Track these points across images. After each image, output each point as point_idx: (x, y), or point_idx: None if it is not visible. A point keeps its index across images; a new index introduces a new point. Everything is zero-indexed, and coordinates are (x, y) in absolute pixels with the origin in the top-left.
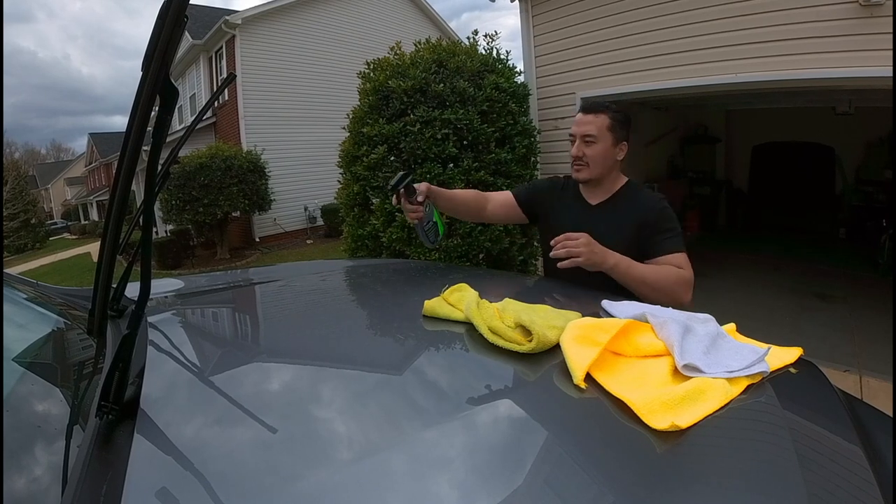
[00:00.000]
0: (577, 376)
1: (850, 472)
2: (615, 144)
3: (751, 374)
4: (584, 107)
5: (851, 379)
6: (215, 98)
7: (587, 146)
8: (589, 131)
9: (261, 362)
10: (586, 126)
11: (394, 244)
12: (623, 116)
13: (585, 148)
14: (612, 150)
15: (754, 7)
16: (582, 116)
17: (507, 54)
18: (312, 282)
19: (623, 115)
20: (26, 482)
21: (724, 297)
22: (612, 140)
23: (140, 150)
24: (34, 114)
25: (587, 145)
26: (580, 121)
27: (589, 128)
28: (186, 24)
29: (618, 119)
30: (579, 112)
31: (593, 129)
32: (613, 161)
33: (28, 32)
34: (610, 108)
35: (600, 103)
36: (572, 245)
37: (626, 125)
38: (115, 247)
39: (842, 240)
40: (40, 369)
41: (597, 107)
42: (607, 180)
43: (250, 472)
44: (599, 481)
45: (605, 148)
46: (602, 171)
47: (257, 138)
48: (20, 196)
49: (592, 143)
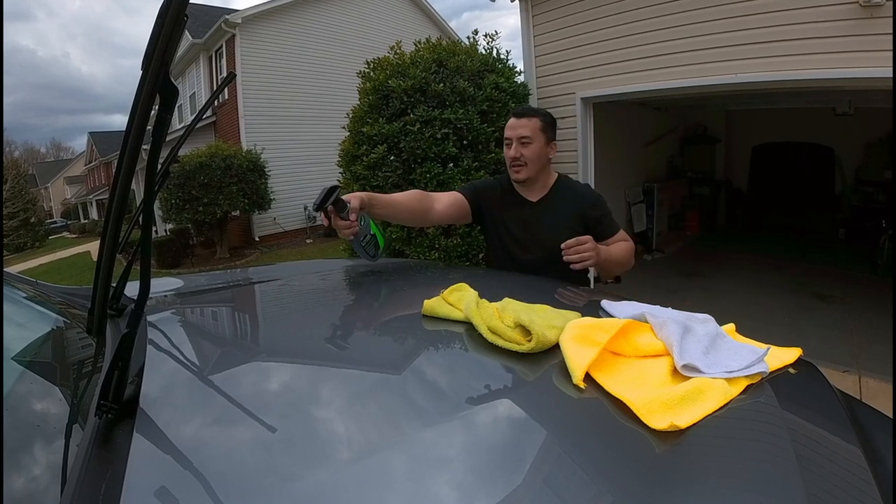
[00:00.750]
0: (577, 376)
1: (849, 473)
2: (547, 144)
3: (750, 375)
4: (515, 112)
5: (850, 379)
6: (215, 97)
7: (524, 147)
8: (524, 133)
9: (260, 361)
10: (521, 129)
11: (393, 243)
12: (551, 119)
13: (522, 149)
14: (545, 150)
15: (755, 7)
16: (516, 121)
17: (507, 54)
18: (312, 281)
19: (550, 117)
20: (26, 481)
21: (723, 297)
22: (545, 140)
23: (140, 148)
24: (33, 112)
25: (524, 146)
26: (514, 125)
27: (524, 130)
28: (186, 23)
29: (547, 121)
30: (512, 118)
31: (528, 131)
32: (546, 159)
33: (27, 31)
34: (540, 112)
35: (531, 108)
36: (584, 250)
37: (554, 127)
38: (115, 246)
39: (841, 240)
40: (40, 368)
41: (528, 111)
42: (542, 177)
43: (250, 471)
44: (598, 481)
45: (539, 147)
46: (538, 169)
47: (257, 137)
48: (20, 195)
49: (528, 144)
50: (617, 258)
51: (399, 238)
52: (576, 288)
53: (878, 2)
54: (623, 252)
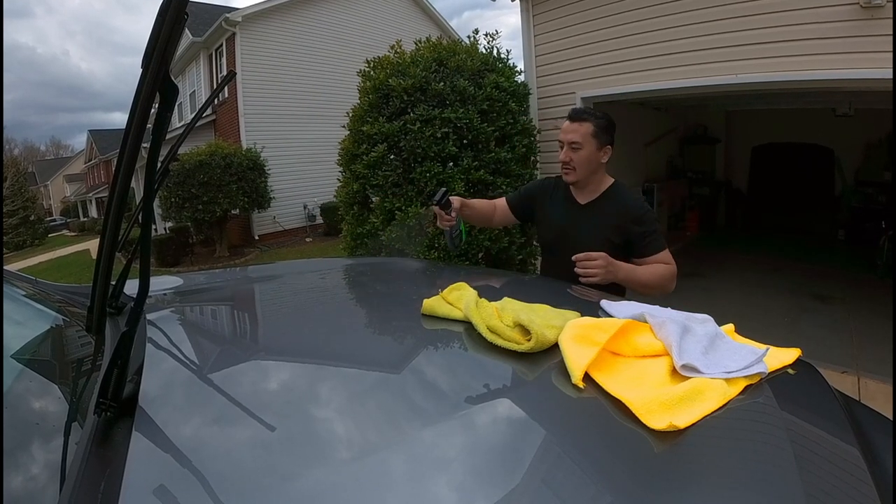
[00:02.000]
0: (576, 376)
1: (847, 473)
2: (599, 149)
3: (749, 375)
4: (570, 115)
5: (849, 380)
6: (215, 95)
7: (573, 152)
8: (574, 138)
9: (259, 360)
10: (572, 133)
11: (393, 242)
12: (606, 122)
13: (572, 153)
14: (597, 154)
15: (755, 8)
16: (568, 124)
17: (507, 53)
18: (311, 280)
19: (606, 121)
20: (25, 479)
21: (722, 298)
22: (597, 145)
23: (140, 147)
24: (33, 110)
25: (573, 151)
26: (566, 128)
27: (574, 135)
28: (186, 21)
29: (601, 125)
30: (566, 120)
31: (578, 136)
32: (598, 164)
33: (26, 28)
34: (594, 115)
35: (585, 110)
36: (591, 265)
37: (609, 130)
38: (115, 244)
39: (841, 241)
40: (39, 366)
41: (581, 114)
42: (593, 181)
43: (248, 470)
44: (597, 480)
45: (589, 153)
46: (587, 173)
47: (257, 136)
48: (19, 193)
49: (578, 149)
50: (644, 280)
51: (398, 237)
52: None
53: (878, 3)
54: (653, 275)
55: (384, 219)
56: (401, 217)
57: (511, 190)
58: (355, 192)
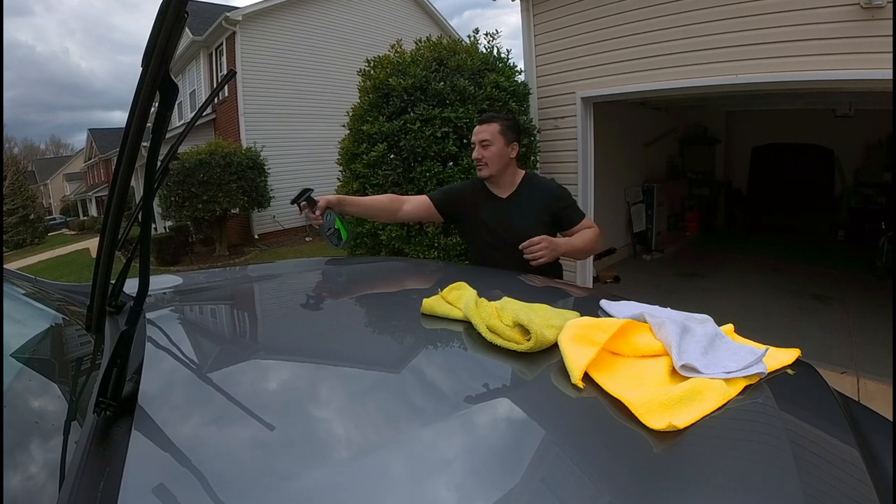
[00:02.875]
0: (575, 376)
1: (847, 474)
2: (507, 144)
3: (748, 375)
4: (479, 119)
5: (849, 381)
6: (215, 94)
7: (484, 149)
8: (484, 136)
9: (259, 359)
10: (482, 133)
11: (392, 242)
12: (512, 122)
13: (483, 151)
14: (506, 150)
15: (756, 8)
16: (478, 127)
17: (507, 53)
18: (311, 279)
19: (512, 121)
20: (24, 478)
21: (722, 298)
22: (504, 141)
23: (139, 146)
24: (33, 108)
25: (484, 148)
26: (476, 131)
27: (483, 134)
28: (187, 20)
29: (507, 124)
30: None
31: (487, 134)
32: (508, 158)
33: (26, 26)
34: (501, 117)
35: (492, 114)
36: (536, 249)
37: (514, 129)
38: (114, 243)
39: (840, 242)
40: (38, 365)
41: (488, 117)
42: (507, 175)
43: (248, 469)
44: (596, 480)
45: (499, 148)
46: (499, 167)
47: (257, 135)
48: (19, 191)
49: (488, 146)
50: (581, 246)
51: (399, 237)
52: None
53: (879, 3)
54: (587, 239)
55: None
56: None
57: None
58: (355, 192)
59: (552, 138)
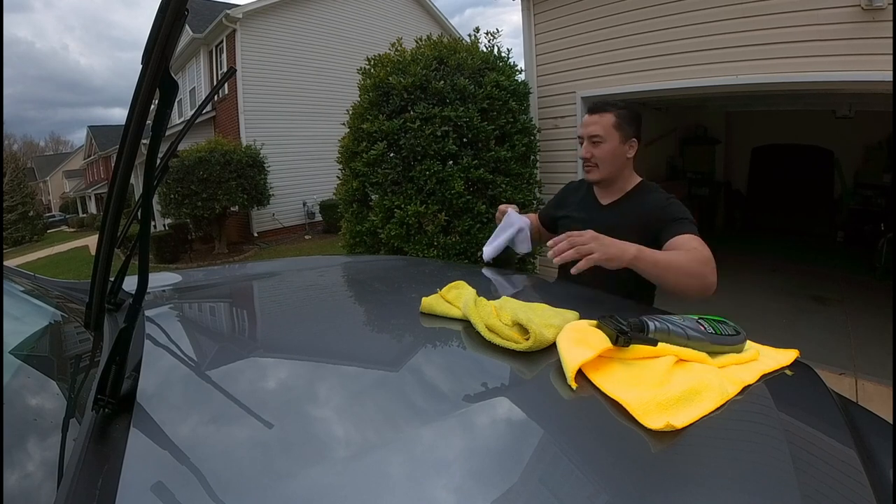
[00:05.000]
0: (570, 376)
1: (844, 475)
2: (623, 142)
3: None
4: (590, 108)
5: (847, 382)
6: (215, 92)
7: (595, 146)
8: (595, 132)
9: (258, 358)
10: (592, 127)
11: (392, 241)
12: (630, 113)
13: (593, 148)
14: (621, 149)
15: (756, 9)
16: (588, 117)
17: (507, 52)
18: (310, 278)
19: (630, 111)
20: (22, 475)
21: (720, 298)
22: (620, 138)
23: (139, 143)
24: (32, 105)
25: (594, 146)
26: (586, 122)
27: (595, 128)
28: (187, 17)
29: (624, 116)
30: (585, 114)
31: (599, 129)
32: (623, 159)
33: (25, 22)
34: (616, 106)
35: (606, 102)
36: (580, 243)
37: (634, 122)
38: (113, 240)
39: (839, 243)
40: (37, 362)
41: (602, 106)
42: (619, 180)
43: (246, 467)
44: (594, 480)
45: (612, 147)
46: (612, 169)
47: (257, 133)
48: (19, 188)
49: (600, 143)
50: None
51: (398, 235)
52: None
53: (879, 5)
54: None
55: (383, 217)
56: (400, 216)
57: (511, 189)
58: (355, 190)
59: (552, 138)
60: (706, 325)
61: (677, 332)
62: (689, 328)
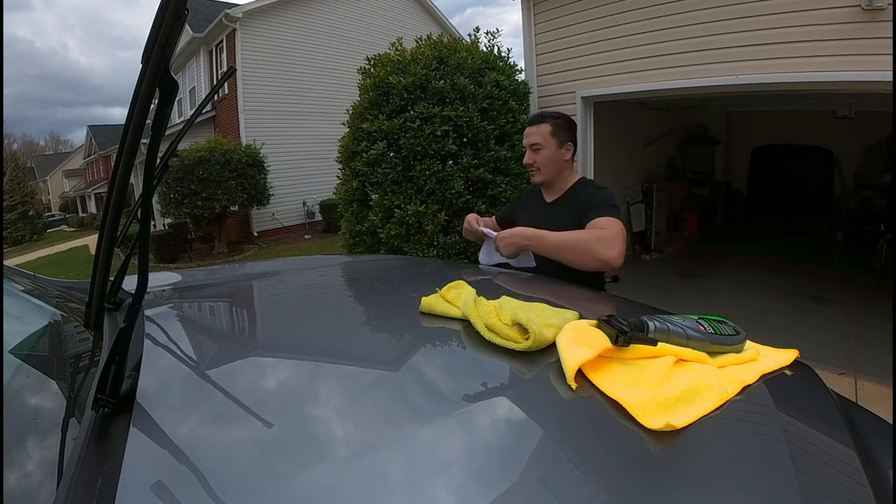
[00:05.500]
0: (569, 376)
1: (844, 475)
2: (560, 147)
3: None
4: (528, 120)
5: (847, 382)
6: (215, 91)
7: (535, 153)
8: (534, 140)
9: (257, 357)
10: (532, 137)
11: (392, 240)
12: (564, 122)
13: (535, 155)
14: (558, 153)
15: (756, 9)
16: (528, 129)
17: (508, 52)
18: (310, 277)
19: (564, 120)
20: (22, 474)
21: (720, 299)
22: (556, 144)
23: (139, 142)
24: (32, 104)
25: (535, 153)
26: (527, 133)
27: (534, 138)
28: (187, 17)
29: (558, 125)
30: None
31: (538, 137)
32: (561, 161)
33: (24, 21)
34: (552, 116)
35: (542, 113)
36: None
37: (568, 129)
38: (113, 240)
39: (839, 243)
40: (37, 362)
41: (539, 118)
42: (559, 180)
43: (246, 467)
44: (594, 480)
45: (550, 152)
46: (552, 171)
47: (256, 132)
48: (18, 187)
49: (539, 150)
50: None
51: (398, 235)
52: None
53: (879, 5)
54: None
55: (383, 216)
56: (400, 215)
57: (511, 189)
58: (354, 190)
59: None
60: (706, 325)
61: (677, 331)
62: (689, 328)
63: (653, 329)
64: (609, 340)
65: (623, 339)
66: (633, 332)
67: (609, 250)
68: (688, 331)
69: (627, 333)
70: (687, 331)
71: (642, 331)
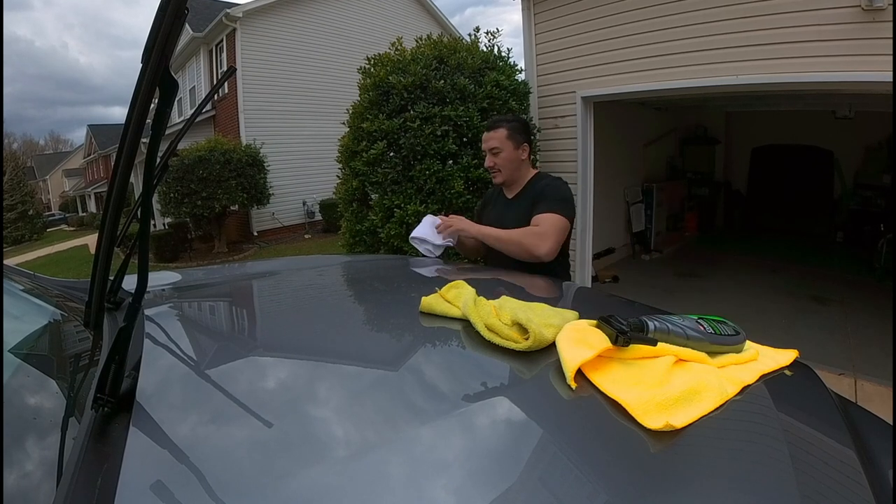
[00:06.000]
0: (569, 376)
1: (843, 475)
2: (517, 148)
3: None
4: (487, 125)
5: (846, 382)
6: (215, 91)
7: (495, 156)
8: (493, 144)
9: (257, 357)
10: (490, 141)
11: (392, 240)
12: (519, 125)
13: (494, 158)
14: (516, 154)
15: (757, 9)
16: (486, 134)
17: (508, 52)
18: (310, 277)
19: (519, 123)
20: (22, 474)
21: (720, 298)
22: (513, 146)
23: (139, 142)
24: (32, 104)
25: (495, 156)
26: (485, 138)
27: (492, 142)
28: (187, 16)
29: (514, 128)
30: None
31: (496, 142)
32: (519, 161)
33: (24, 20)
34: (507, 120)
35: (498, 119)
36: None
37: (523, 131)
38: (113, 239)
39: (839, 243)
40: (36, 361)
41: (495, 123)
42: (518, 178)
43: (246, 467)
44: (593, 480)
45: (508, 154)
46: (511, 171)
47: (256, 132)
48: (18, 187)
49: (498, 153)
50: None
51: (398, 234)
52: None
53: (880, 5)
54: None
55: (383, 216)
56: (399, 215)
57: None
58: (354, 189)
59: (552, 137)
60: (706, 325)
61: (677, 331)
62: (689, 328)
63: (653, 329)
64: (609, 340)
65: (623, 339)
66: (632, 332)
67: (538, 248)
68: (687, 331)
69: (627, 333)
70: (687, 331)
71: (642, 331)
